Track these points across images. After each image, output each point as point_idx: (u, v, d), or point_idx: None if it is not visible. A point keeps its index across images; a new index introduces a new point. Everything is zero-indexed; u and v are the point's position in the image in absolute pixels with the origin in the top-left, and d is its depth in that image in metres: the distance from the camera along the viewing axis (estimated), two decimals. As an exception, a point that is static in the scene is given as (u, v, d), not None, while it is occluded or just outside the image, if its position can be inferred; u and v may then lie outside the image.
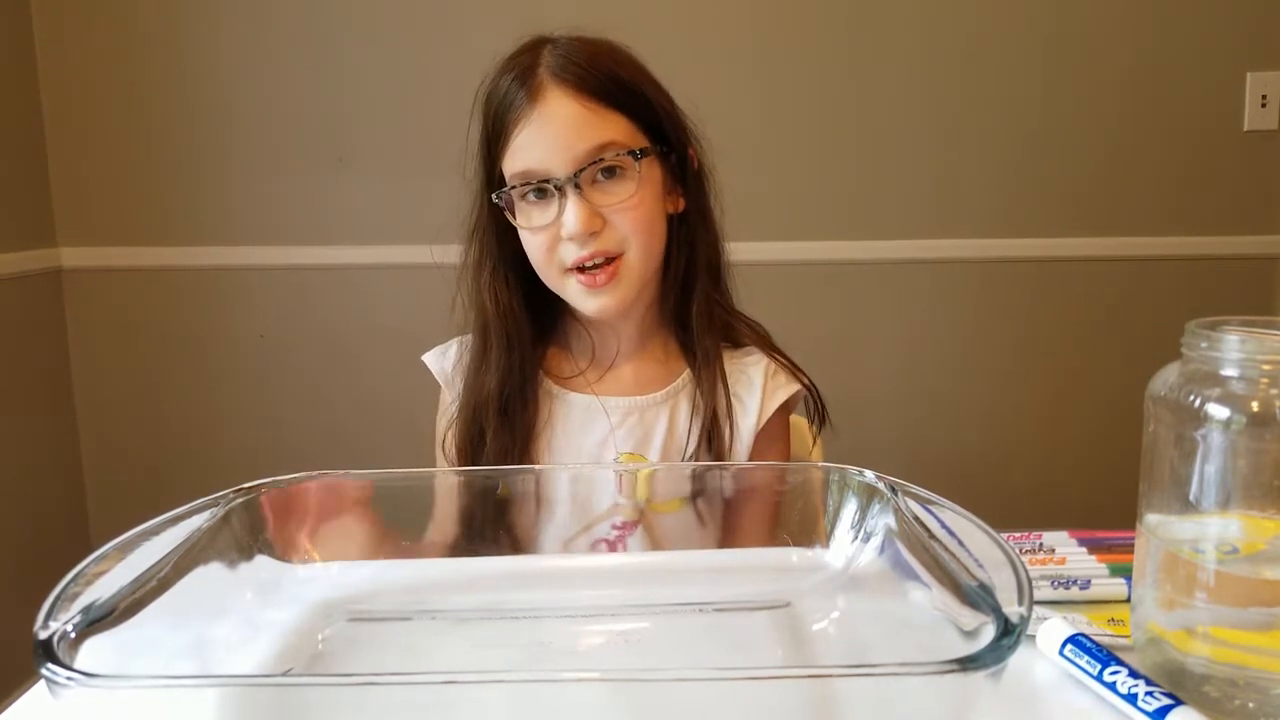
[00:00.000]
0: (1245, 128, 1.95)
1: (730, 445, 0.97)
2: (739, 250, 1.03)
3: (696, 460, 0.96)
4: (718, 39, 1.94)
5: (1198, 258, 1.99)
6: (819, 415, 1.01)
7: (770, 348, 1.01)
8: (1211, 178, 1.97)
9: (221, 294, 2.04)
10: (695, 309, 0.98)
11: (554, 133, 0.88)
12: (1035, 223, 1.99)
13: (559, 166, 0.88)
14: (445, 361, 1.03)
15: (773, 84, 1.96)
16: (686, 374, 0.99)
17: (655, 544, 0.81)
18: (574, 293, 0.93)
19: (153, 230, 2.02)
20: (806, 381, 1.00)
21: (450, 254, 0.99)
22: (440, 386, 1.04)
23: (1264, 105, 1.93)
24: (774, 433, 1.00)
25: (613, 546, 0.76)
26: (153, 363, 2.07)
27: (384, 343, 1.99)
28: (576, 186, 0.88)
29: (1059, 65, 1.94)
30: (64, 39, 1.97)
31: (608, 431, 0.97)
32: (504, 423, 0.95)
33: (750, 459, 0.98)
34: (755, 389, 0.98)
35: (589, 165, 0.88)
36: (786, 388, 0.99)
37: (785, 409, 1.00)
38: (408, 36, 1.95)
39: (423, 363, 1.05)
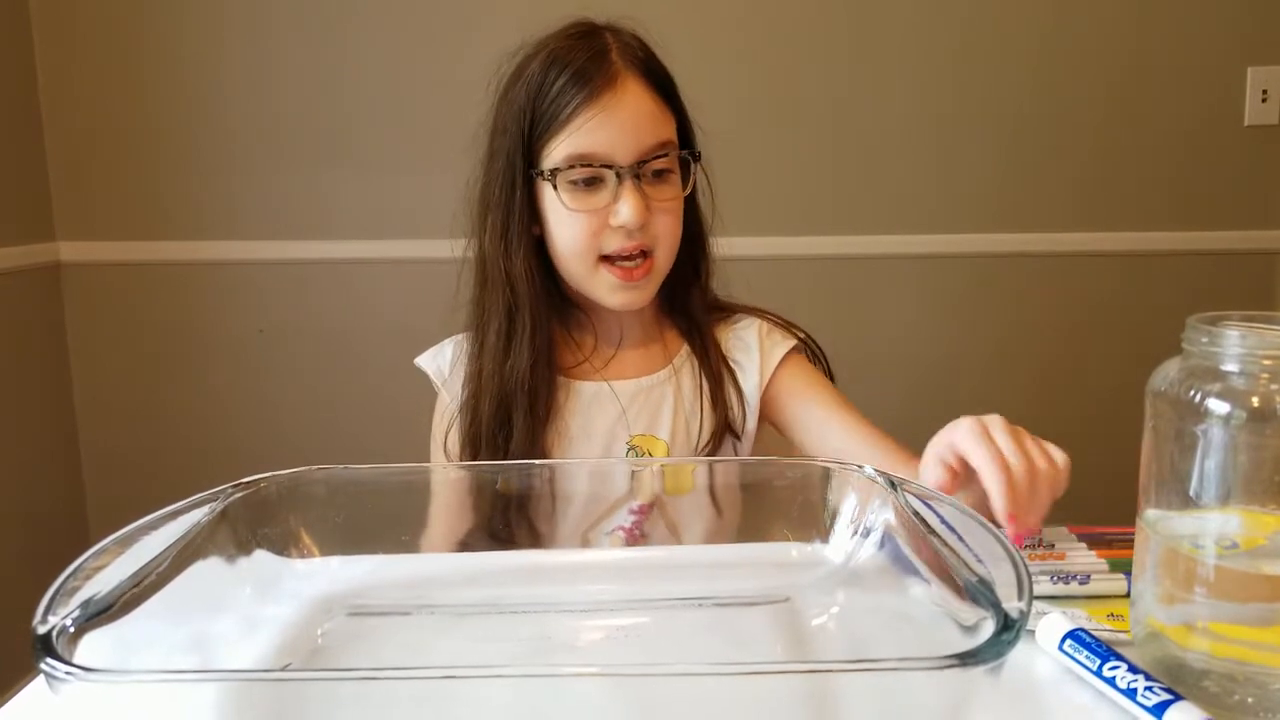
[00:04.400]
0: (1246, 123, 1.94)
1: (740, 410, 0.98)
2: (732, 245, 1.04)
3: (709, 432, 0.97)
4: (710, 32, 1.93)
5: (1198, 253, 1.98)
6: (821, 368, 1.03)
7: (761, 312, 1.03)
8: (1212, 173, 1.97)
9: (220, 289, 2.04)
10: (692, 302, 1.00)
11: (626, 121, 0.88)
12: (1035, 217, 1.99)
13: (623, 155, 0.89)
14: (441, 361, 1.02)
15: (765, 78, 1.95)
16: (685, 350, 1.01)
17: (671, 528, 0.81)
18: (605, 283, 0.93)
19: (152, 225, 2.02)
20: (803, 335, 1.02)
21: (459, 246, 0.98)
22: (436, 389, 1.03)
23: (1264, 100, 1.93)
24: (798, 383, 0.98)
25: (631, 533, 0.76)
26: (151, 357, 2.07)
27: (383, 337, 1.99)
28: (636, 178, 0.89)
29: (1058, 59, 1.94)
30: (62, 34, 1.97)
31: (618, 415, 0.97)
32: (532, 408, 0.94)
33: (789, 420, 0.98)
34: (752, 351, 1.00)
35: (651, 159, 0.90)
36: (784, 343, 1.00)
37: (795, 356, 1.00)
38: (408, 30, 1.95)
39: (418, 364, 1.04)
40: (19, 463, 1.94)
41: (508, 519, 0.73)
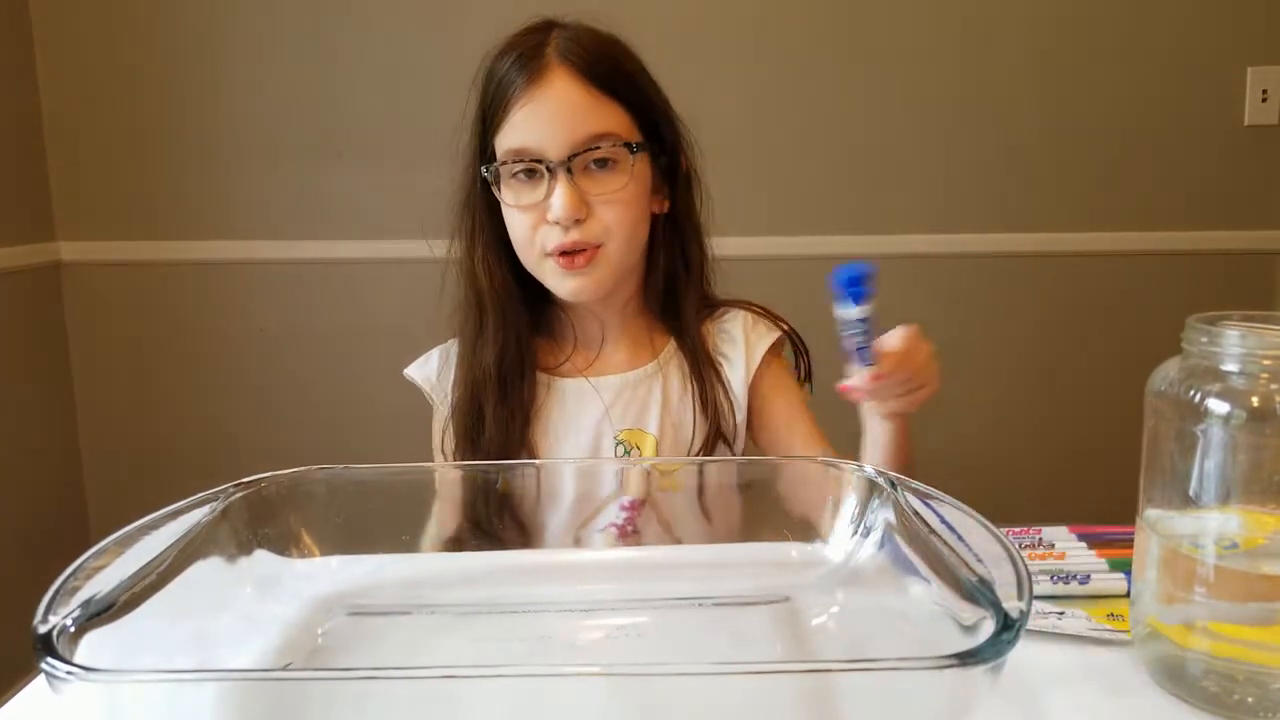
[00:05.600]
0: (1246, 122, 1.94)
1: (730, 408, 0.98)
2: (738, 245, 1.04)
3: (700, 439, 0.97)
4: (720, 33, 1.94)
5: (1198, 252, 1.98)
6: (803, 361, 1.04)
7: (745, 304, 1.04)
8: (1212, 172, 1.97)
9: (221, 288, 2.04)
10: (682, 307, 1.00)
11: (553, 114, 0.88)
12: (1036, 218, 1.99)
13: (554, 148, 0.88)
14: (428, 369, 1.03)
15: (774, 78, 1.95)
16: (672, 345, 1.01)
17: (663, 523, 0.81)
18: (550, 274, 0.93)
19: (152, 225, 2.02)
20: (787, 328, 1.03)
21: (441, 247, 1.00)
22: (429, 399, 1.03)
23: (1265, 100, 1.93)
24: (772, 382, 1.00)
25: (623, 530, 0.76)
26: (152, 357, 2.07)
27: (384, 337, 1.98)
28: (568, 171, 0.88)
29: (1060, 60, 1.94)
30: (62, 35, 1.97)
31: (603, 411, 0.98)
32: (503, 397, 0.95)
33: (756, 414, 0.99)
34: (738, 343, 1.00)
35: (583, 151, 0.89)
36: (769, 335, 1.01)
37: (775, 355, 1.02)
38: (405, 28, 1.95)
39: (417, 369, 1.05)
40: (20, 462, 1.94)
41: (500, 518, 0.73)
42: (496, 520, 0.73)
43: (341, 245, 2.01)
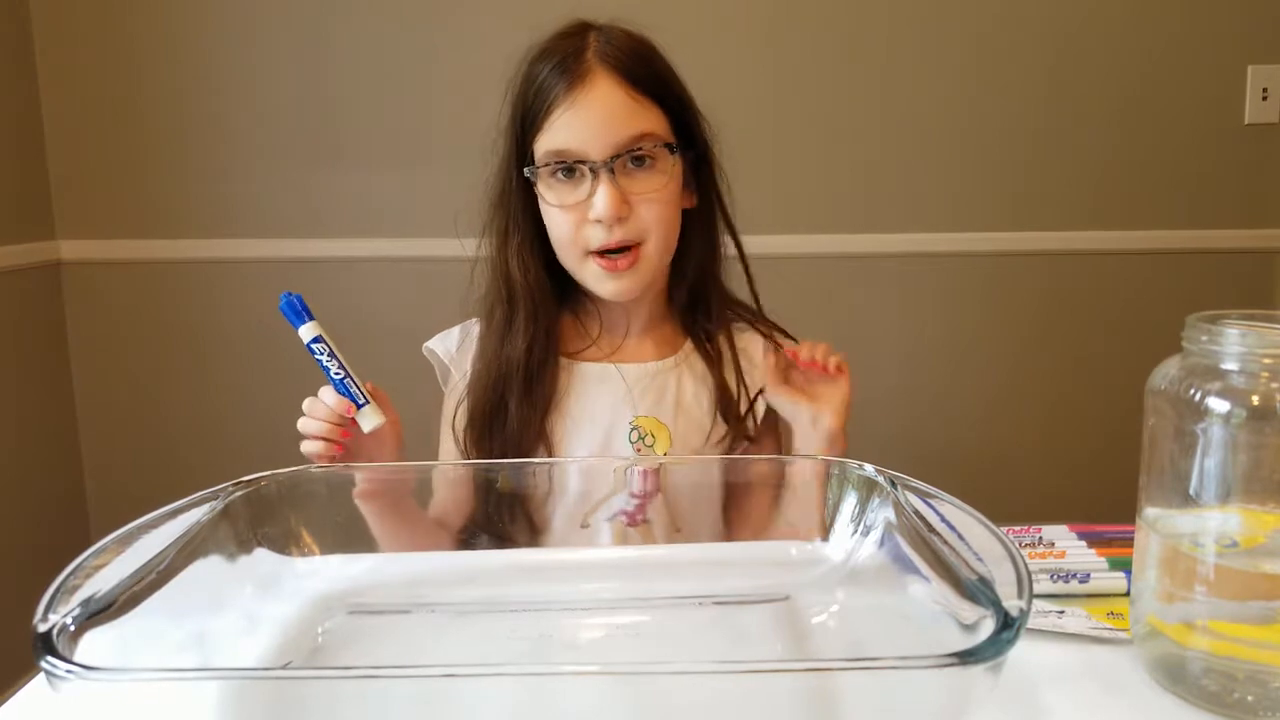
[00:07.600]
0: (1246, 121, 1.94)
1: (744, 407, 1.00)
2: (745, 243, 1.05)
3: (713, 426, 0.99)
4: (729, 32, 1.93)
5: (1198, 251, 1.98)
6: None
7: (762, 321, 1.06)
8: (1212, 171, 1.96)
9: (220, 287, 2.04)
10: (708, 299, 1.02)
11: (596, 117, 0.90)
12: (1036, 217, 1.99)
13: (596, 150, 0.90)
14: (449, 343, 1.05)
15: (781, 77, 1.95)
16: (689, 345, 1.03)
17: (672, 511, 0.82)
18: (592, 275, 0.95)
19: (152, 223, 2.01)
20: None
21: (466, 247, 1.01)
22: (445, 372, 1.05)
23: (1265, 98, 1.93)
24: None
25: (633, 517, 0.77)
26: (152, 356, 2.07)
27: (384, 336, 1.98)
28: (610, 171, 0.90)
29: (1061, 60, 1.94)
30: (62, 34, 1.97)
31: (623, 396, 0.99)
32: (527, 390, 0.97)
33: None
34: (757, 366, 1.02)
35: (625, 153, 0.91)
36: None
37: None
38: (404, 28, 1.94)
39: (423, 355, 1.06)
40: (20, 461, 1.94)
41: (510, 507, 0.74)
42: (505, 512, 0.74)
43: (341, 245, 2.01)
